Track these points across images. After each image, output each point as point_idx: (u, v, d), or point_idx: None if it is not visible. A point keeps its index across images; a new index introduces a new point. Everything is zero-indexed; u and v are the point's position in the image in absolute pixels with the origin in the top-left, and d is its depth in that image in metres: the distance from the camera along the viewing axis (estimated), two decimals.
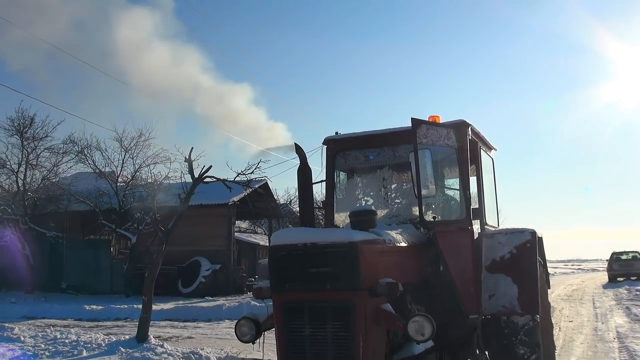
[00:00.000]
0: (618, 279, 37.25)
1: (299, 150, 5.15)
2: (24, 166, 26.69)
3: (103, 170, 27.13)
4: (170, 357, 9.77)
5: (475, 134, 6.35)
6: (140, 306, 11.66)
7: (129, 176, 27.41)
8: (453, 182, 6.31)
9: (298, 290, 4.24)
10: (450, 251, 5.36)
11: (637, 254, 36.75)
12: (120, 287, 26.20)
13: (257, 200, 30.61)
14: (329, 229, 4.53)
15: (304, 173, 5.07)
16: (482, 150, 6.66)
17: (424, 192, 5.24)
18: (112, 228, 26.33)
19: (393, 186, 6.31)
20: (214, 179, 11.40)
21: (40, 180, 27.50)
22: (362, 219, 4.69)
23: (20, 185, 26.65)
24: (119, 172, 27.16)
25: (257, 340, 4.72)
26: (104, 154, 27.26)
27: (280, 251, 4.31)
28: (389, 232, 4.84)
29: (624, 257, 38.24)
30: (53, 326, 15.18)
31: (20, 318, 17.99)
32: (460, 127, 5.95)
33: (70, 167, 28.26)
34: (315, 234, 4.34)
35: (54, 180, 27.88)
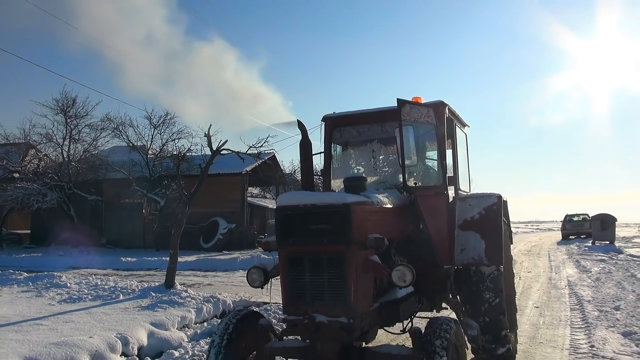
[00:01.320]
0: (570, 237, 37.58)
1: (300, 125, 5.11)
2: (67, 140, 26.63)
3: (135, 144, 27.09)
4: (193, 300, 9.84)
5: (451, 112, 6.31)
6: (167, 258, 11.73)
7: (158, 149, 27.41)
8: (432, 154, 6.27)
9: (300, 243, 4.25)
10: (429, 212, 5.37)
11: (586, 216, 36.95)
12: (151, 242, 26.37)
13: (266, 170, 30.61)
14: (327, 192, 4.52)
15: (305, 145, 5.04)
16: (457, 126, 6.62)
17: (407, 162, 5.23)
18: (143, 193, 26.36)
19: (381, 157, 6.30)
20: (229, 151, 11.38)
21: (81, 153, 27.50)
22: (354, 184, 4.70)
23: (64, 156, 26.62)
24: (149, 146, 27.17)
25: (265, 285, 4.75)
26: (136, 130, 27.26)
27: (285, 211, 4.31)
28: (377, 195, 4.84)
29: (575, 218, 38.50)
30: (94, 275, 15.30)
31: (67, 268, 18.15)
32: (439, 106, 5.91)
33: (108, 141, 28.32)
34: (314, 196, 4.33)
35: (93, 153, 27.88)
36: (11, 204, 25.69)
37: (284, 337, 4.73)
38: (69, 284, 11.96)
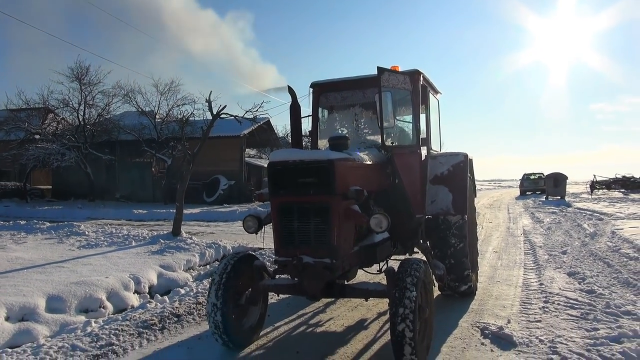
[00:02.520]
0: (527, 193, 38.04)
1: (290, 91, 5.03)
2: (82, 105, 26.14)
3: (144, 109, 26.66)
4: (197, 246, 9.90)
5: (426, 80, 6.24)
6: (174, 210, 11.72)
7: (164, 114, 27.02)
8: (407, 118, 6.24)
9: (289, 195, 4.25)
10: (404, 168, 5.37)
11: (541, 175, 37.35)
12: (160, 197, 26.29)
13: (262, 133, 30.35)
14: (314, 150, 4.49)
15: (295, 108, 4.98)
16: (430, 93, 6.56)
17: (385, 124, 5.18)
18: (152, 153, 26.13)
19: (362, 120, 6.24)
20: (228, 115, 11.24)
21: (96, 117, 27.01)
22: (337, 143, 4.68)
23: (80, 120, 26.17)
24: (156, 111, 26.76)
25: (259, 232, 4.77)
26: (144, 96, 26.78)
27: (276, 166, 4.29)
28: (358, 153, 4.82)
29: (532, 177, 38.87)
30: (110, 224, 15.29)
31: (85, 219, 18.10)
32: (414, 74, 5.84)
33: (119, 106, 27.82)
34: (303, 153, 4.30)
35: (107, 117, 27.44)
36: (33, 162, 25.37)
37: (276, 276, 4.81)
38: (87, 232, 11.95)
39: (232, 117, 11.39)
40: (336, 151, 4.47)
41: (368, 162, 4.90)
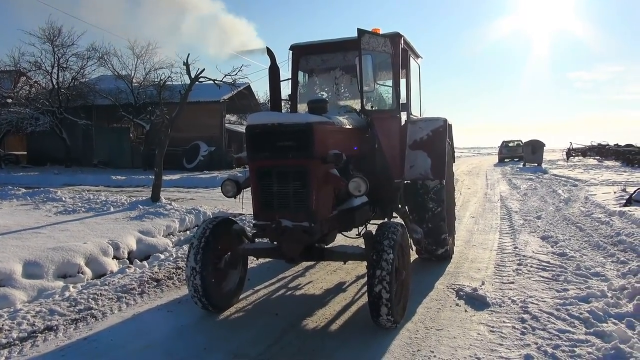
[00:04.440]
0: (505, 160, 38.57)
1: (269, 52, 4.86)
2: (56, 68, 25.30)
3: (120, 73, 25.92)
4: (176, 212, 9.83)
5: (407, 43, 6.15)
6: (153, 177, 11.57)
7: (142, 77, 26.30)
8: (388, 82, 6.18)
9: (268, 158, 4.20)
10: (383, 133, 5.35)
11: (520, 142, 37.77)
12: (139, 163, 25.95)
13: (242, 99, 29.86)
14: (293, 113, 4.41)
15: (274, 71, 4.83)
16: (411, 57, 6.49)
17: (365, 88, 5.12)
18: (130, 118, 25.58)
19: (343, 83, 6.16)
20: (207, 79, 11.00)
21: (70, 80, 26.17)
22: (316, 106, 4.60)
23: (54, 83, 25.34)
24: (133, 75, 26.03)
25: (237, 196, 4.73)
26: (120, 59, 26.07)
27: (254, 129, 4.22)
28: (337, 117, 4.76)
29: (510, 144, 39.33)
30: (88, 191, 15.05)
31: (62, 185, 17.75)
32: (395, 37, 5.74)
33: (94, 69, 27.00)
34: (281, 117, 4.23)
35: (82, 80, 26.60)
36: (6, 127, 24.64)
37: (255, 240, 4.81)
38: (64, 198, 11.75)
39: (211, 81, 11.13)
40: (315, 114, 4.41)
41: (347, 127, 4.86)
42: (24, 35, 29.66)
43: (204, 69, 10.76)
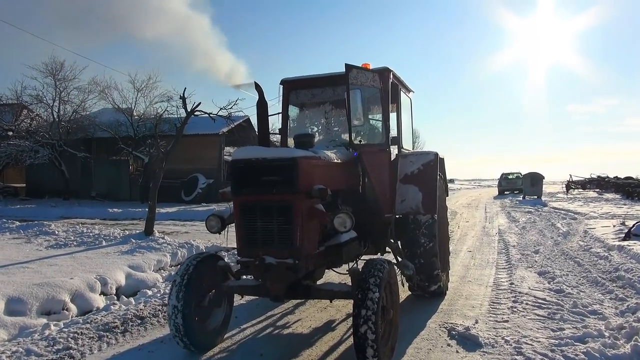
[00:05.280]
0: (505, 192, 38.51)
1: (257, 87, 4.86)
2: (57, 101, 25.58)
3: (120, 106, 26.18)
4: (168, 246, 9.71)
5: (396, 78, 6.17)
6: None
7: (141, 111, 26.58)
8: (379, 116, 6.18)
9: (252, 193, 4.13)
10: (373, 167, 5.30)
11: (519, 174, 37.81)
12: (137, 195, 25.88)
13: (241, 131, 30.03)
14: (278, 148, 4.38)
15: (262, 105, 4.80)
16: (401, 91, 6.50)
17: (354, 122, 5.10)
18: (129, 151, 25.67)
19: (332, 118, 6.15)
20: (202, 113, 11.05)
21: (71, 113, 26.43)
22: (303, 141, 4.58)
23: (55, 116, 25.59)
24: (133, 107, 26.29)
25: (222, 231, 4.64)
26: (120, 93, 26.29)
27: (239, 164, 4.17)
28: (324, 151, 4.72)
29: (510, 176, 39.36)
30: (82, 224, 14.95)
31: (58, 218, 17.66)
32: (384, 72, 5.76)
33: (95, 103, 27.24)
34: (265, 151, 4.19)
35: (82, 114, 26.86)
36: (5, 159, 24.72)
37: (241, 277, 4.69)
38: (56, 232, 11.65)
39: (206, 115, 11.19)
40: (301, 149, 4.37)
41: (335, 161, 4.81)
42: (26, 70, 30.21)
43: (199, 103, 10.82)
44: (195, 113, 10.88)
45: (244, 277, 4.70)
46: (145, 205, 22.01)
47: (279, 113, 6.29)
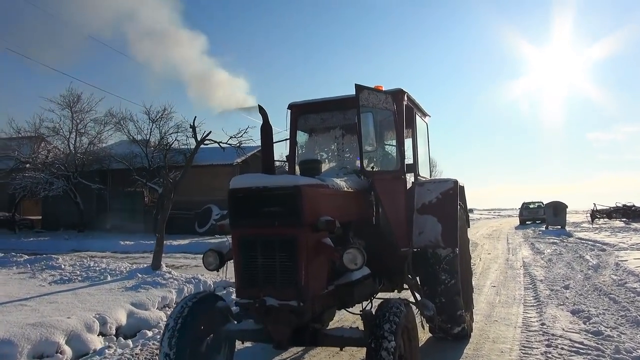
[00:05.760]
0: (527, 222, 37.52)
1: (261, 110, 4.50)
2: (74, 133, 25.88)
3: (135, 137, 26.30)
4: (175, 281, 9.30)
5: (411, 100, 5.79)
6: (165, 242, 11.13)
7: (156, 142, 26.64)
8: (393, 141, 5.78)
9: (252, 226, 3.73)
10: (386, 196, 4.86)
11: (541, 204, 36.87)
12: (151, 227, 25.68)
13: (256, 162, 29.96)
14: (280, 175, 4.00)
15: (266, 130, 4.42)
16: (417, 115, 6.11)
17: (366, 147, 4.74)
18: (143, 182, 25.64)
19: (343, 143, 5.76)
20: (212, 142, 10.82)
21: (87, 145, 26.67)
22: (308, 167, 4.19)
23: (71, 148, 25.82)
24: (148, 139, 26.37)
25: (221, 268, 4.22)
26: (136, 124, 26.40)
27: (237, 193, 3.78)
28: (333, 179, 4.32)
29: (531, 206, 38.44)
30: (92, 257, 14.69)
31: (69, 251, 17.47)
32: (398, 94, 5.39)
33: (111, 134, 27.44)
34: (267, 179, 3.80)
35: (98, 145, 27.10)
36: (20, 192, 24.88)
37: (242, 320, 4.24)
38: (63, 266, 11.36)
39: (216, 143, 10.94)
40: (307, 176, 3.97)
41: (345, 189, 4.39)
42: (44, 102, 30.89)
43: (210, 132, 10.60)
44: (205, 142, 10.63)
45: (245, 320, 4.24)
46: None
47: (286, 139, 5.94)
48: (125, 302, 7.57)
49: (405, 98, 5.50)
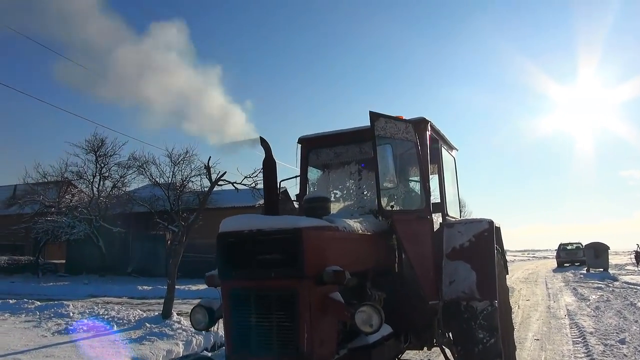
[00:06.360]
0: (565, 264, 35.61)
1: (263, 142, 3.94)
2: (97, 177, 26.03)
3: (157, 180, 26.25)
4: (184, 332, 8.62)
5: (435, 131, 5.16)
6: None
7: (178, 184, 26.52)
8: (416, 177, 5.14)
9: (244, 277, 3.13)
10: (410, 239, 4.20)
11: (580, 245, 35.01)
12: (180, 274, 25.27)
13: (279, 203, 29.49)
14: (279, 216, 3.38)
15: (269, 164, 3.85)
16: (442, 148, 5.48)
17: (385, 183, 4.14)
18: (164, 225, 25.39)
19: (359, 180, 5.13)
20: (226, 182, 10.35)
21: (110, 188, 26.76)
22: (314, 206, 3.56)
23: (94, 192, 25.96)
24: (169, 182, 26.28)
25: (212, 327, 3.58)
26: (158, 167, 26.39)
27: (227, 238, 3.21)
28: (345, 220, 3.69)
29: (569, 247, 36.58)
30: (107, 303, 14.18)
31: (86, 296, 17.02)
32: (420, 123, 4.78)
33: (134, 178, 27.50)
34: (262, 220, 3.21)
35: (122, 189, 27.15)
36: (42, 236, 24.94)
37: None
38: (71, 314, 10.84)
39: (230, 184, 10.48)
40: (312, 217, 3.36)
41: (360, 232, 3.76)
42: (69, 147, 31.62)
43: (224, 172, 10.14)
44: (219, 183, 10.17)
45: None
46: (179, 281, 21.21)
47: (296, 176, 5.38)
48: (127, 356, 6.97)
49: (429, 128, 4.89)
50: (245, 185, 10.53)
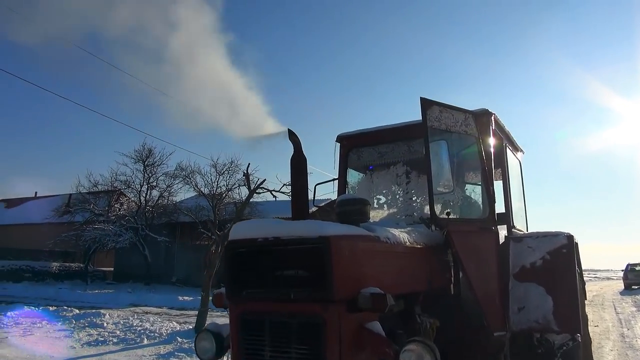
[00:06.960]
0: (633, 286, 32.88)
1: (292, 136, 3.27)
2: (145, 187, 26.38)
3: (203, 190, 26.29)
4: None
5: (500, 127, 4.33)
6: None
7: (223, 194, 26.45)
8: (477, 180, 4.35)
9: (257, 299, 2.47)
10: (470, 254, 3.42)
11: None
12: (216, 281, 25.06)
13: (323, 215, 28.84)
14: (301, 220, 2.70)
15: (298, 162, 3.18)
16: (507, 148, 4.64)
17: (439, 187, 3.41)
18: (209, 235, 25.32)
19: (407, 183, 4.37)
20: (265, 190, 9.85)
21: (157, 198, 27.05)
22: (348, 210, 2.83)
23: (142, 201, 26.30)
24: (214, 191, 26.24)
25: (222, 358, 2.92)
26: (203, 177, 26.44)
27: (238, 248, 2.56)
28: (388, 228, 2.95)
29: (638, 268, 33.79)
30: (146, 313, 13.98)
31: (127, 305, 16.94)
32: (482, 115, 3.97)
33: (180, 188, 27.70)
34: (281, 226, 2.54)
35: (168, 198, 27.42)
36: (89, 244, 25.44)
37: None
38: (105, 324, 10.62)
39: (269, 192, 9.97)
40: (344, 224, 2.65)
41: (407, 245, 3.02)
42: (119, 157, 32.48)
43: (264, 180, 9.67)
44: (258, 191, 9.67)
45: None
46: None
47: (334, 179, 4.71)
48: None
49: (493, 122, 4.07)
50: (284, 192, 9.99)
